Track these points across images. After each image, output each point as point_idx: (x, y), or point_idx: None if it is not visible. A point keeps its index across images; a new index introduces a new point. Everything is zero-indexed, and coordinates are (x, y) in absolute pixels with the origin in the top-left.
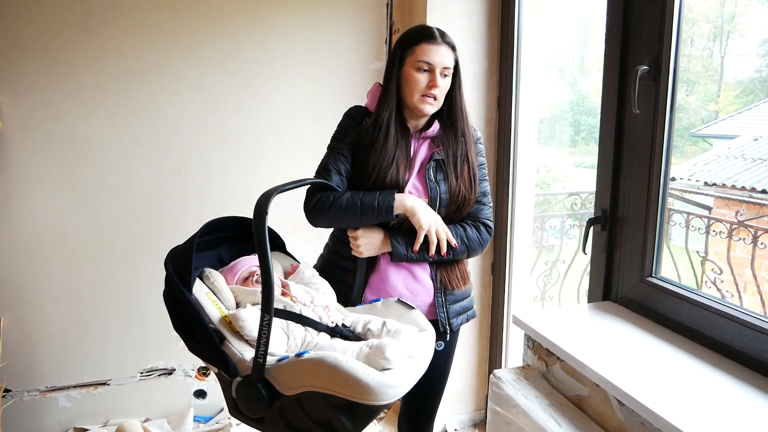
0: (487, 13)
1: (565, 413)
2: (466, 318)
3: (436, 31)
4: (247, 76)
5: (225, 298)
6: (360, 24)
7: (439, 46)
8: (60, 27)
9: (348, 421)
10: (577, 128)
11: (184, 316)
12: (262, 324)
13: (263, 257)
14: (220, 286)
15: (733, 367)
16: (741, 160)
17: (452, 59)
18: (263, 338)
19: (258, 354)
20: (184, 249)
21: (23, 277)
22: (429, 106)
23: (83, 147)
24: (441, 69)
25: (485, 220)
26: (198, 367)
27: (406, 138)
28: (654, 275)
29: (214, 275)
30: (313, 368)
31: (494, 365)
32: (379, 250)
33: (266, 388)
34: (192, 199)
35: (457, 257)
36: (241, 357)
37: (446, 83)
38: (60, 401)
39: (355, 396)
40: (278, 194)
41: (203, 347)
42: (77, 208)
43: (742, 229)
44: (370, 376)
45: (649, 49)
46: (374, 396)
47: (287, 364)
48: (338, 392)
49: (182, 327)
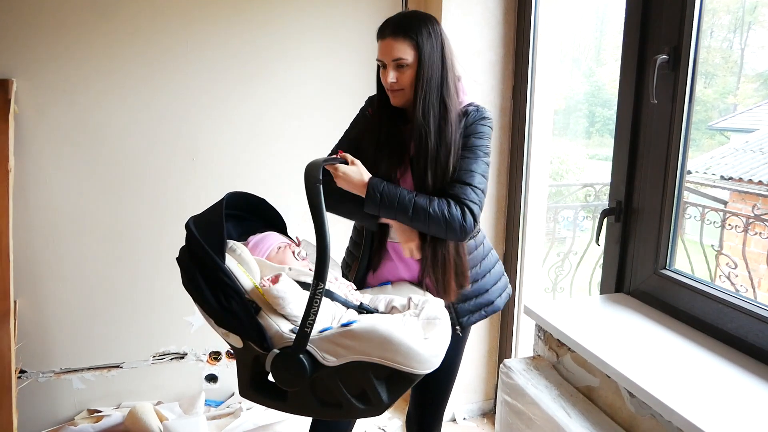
0: (504, 0)
1: (575, 404)
2: (483, 314)
3: (389, 25)
4: (261, 62)
5: (252, 271)
6: (375, 11)
7: (385, 41)
8: (75, 10)
9: (384, 391)
10: (591, 120)
11: (216, 285)
12: (314, 293)
13: (320, 226)
14: (248, 258)
15: (746, 360)
16: (759, 154)
17: (406, 49)
18: (314, 307)
19: (306, 323)
20: (212, 218)
21: (39, 261)
22: (394, 98)
23: (98, 131)
24: (392, 63)
25: (468, 202)
26: (210, 351)
27: (399, 128)
28: (668, 268)
29: (240, 248)
30: (364, 337)
31: (504, 355)
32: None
33: (308, 359)
34: (206, 183)
35: (431, 232)
36: (278, 329)
37: (406, 75)
38: (74, 383)
39: (404, 364)
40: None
41: (236, 318)
42: (92, 192)
43: (759, 223)
44: (420, 344)
45: (669, 38)
46: (422, 364)
47: (332, 334)
48: (387, 361)
49: (213, 298)
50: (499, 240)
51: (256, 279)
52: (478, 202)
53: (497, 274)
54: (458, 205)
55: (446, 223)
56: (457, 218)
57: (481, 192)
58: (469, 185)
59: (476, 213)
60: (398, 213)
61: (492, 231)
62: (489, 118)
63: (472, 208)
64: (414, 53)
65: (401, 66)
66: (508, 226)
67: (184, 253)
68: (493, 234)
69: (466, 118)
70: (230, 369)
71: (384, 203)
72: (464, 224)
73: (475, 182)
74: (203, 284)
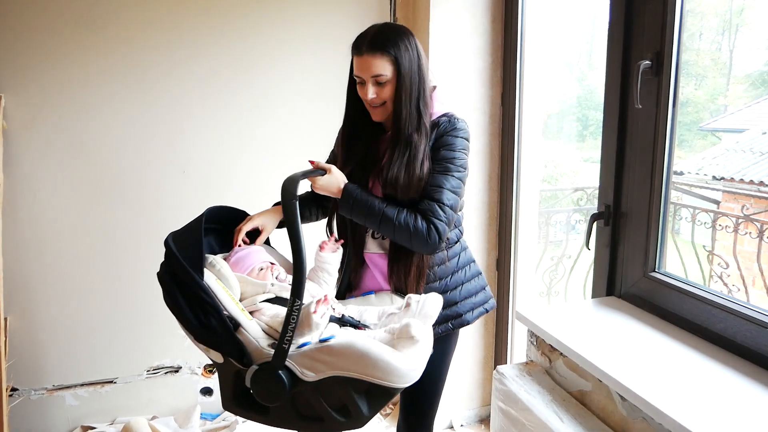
0: (491, 8)
1: (568, 409)
2: (449, 326)
3: (365, 40)
4: (251, 74)
5: (231, 287)
6: (364, 20)
7: (362, 57)
8: (64, 25)
9: (365, 404)
10: (585, 123)
11: (195, 302)
12: (291, 309)
13: (296, 242)
14: (227, 274)
15: (737, 361)
16: (749, 153)
17: (385, 65)
18: (291, 324)
19: (284, 339)
20: (191, 234)
21: (29, 277)
22: (375, 114)
23: (87, 145)
24: (371, 79)
25: (434, 219)
26: (204, 364)
27: (376, 142)
28: (657, 270)
29: (219, 263)
30: (342, 353)
31: (500, 361)
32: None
33: (287, 375)
34: (197, 197)
35: (398, 241)
36: (257, 345)
37: (385, 90)
38: (67, 399)
39: (383, 378)
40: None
41: (215, 335)
42: (82, 207)
43: (750, 223)
44: (397, 358)
45: (651, 44)
46: (401, 378)
47: (310, 350)
48: (365, 376)
49: (192, 314)
50: (492, 246)
51: (236, 294)
52: (445, 219)
53: (472, 290)
54: (425, 221)
55: (411, 236)
56: (422, 233)
57: (449, 208)
58: (437, 201)
59: (441, 230)
60: (368, 219)
61: (484, 237)
62: (462, 129)
63: (437, 226)
64: (392, 68)
65: (380, 82)
66: (500, 231)
67: (164, 269)
68: (486, 240)
69: (437, 129)
70: None
71: (355, 209)
72: (429, 240)
73: (443, 199)
74: (182, 300)
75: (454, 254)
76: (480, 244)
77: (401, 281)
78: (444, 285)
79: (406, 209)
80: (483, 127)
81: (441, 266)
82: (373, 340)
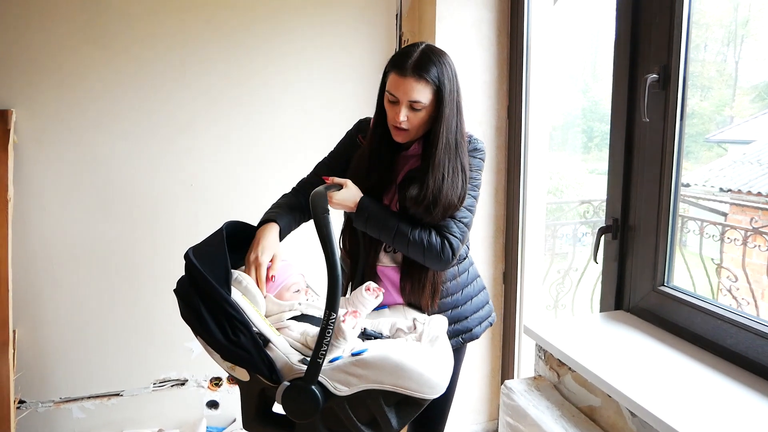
0: (497, 22)
1: (577, 424)
2: (460, 341)
3: (409, 60)
4: (257, 87)
5: (258, 303)
6: (370, 35)
7: (404, 79)
8: (73, 41)
9: (394, 417)
10: (590, 135)
11: (222, 318)
12: (327, 323)
13: (330, 256)
14: (254, 290)
15: (748, 377)
16: (757, 165)
17: (425, 92)
18: (327, 337)
19: (318, 354)
20: (214, 249)
21: (38, 290)
22: (398, 136)
23: (96, 159)
24: (407, 102)
25: (449, 235)
26: (210, 377)
27: (394, 156)
28: (666, 284)
29: (246, 279)
30: (376, 365)
31: (507, 375)
32: (347, 210)
33: (320, 390)
34: (204, 210)
35: (411, 256)
36: (287, 360)
37: (418, 116)
38: (74, 412)
39: (417, 390)
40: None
41: (245, 352)
42: (91, 220)
43: (758, 235)
44: (431, 369)
45: (658, 58)
46: (434, 389)
47: (344, 364)
48: (399, 388)
49: (220, 332)
50: (499, 259)
51: (262, 311)
52: (460, 236)
53: (480, 303)
54: (439, 236)
55: (425, 251)
56: (436, 249)
57: (464, 226)
58: (453, 218)
59: (455, 246)
60: (382, 233)
61: (491, 250)
62: (481, 150)
63: (452, 242)
64: (432, 97)
65: (415, 108)
66: (507, 245)
67: (184, 284)
68: (492, 253)
69: None
70: (231, 395)
71: (370, 222)
72: (442, 255)
73: (459, 216)
74: (208, 317)
75: (464, 269)
76: (487, 256)
77: (416, 297)
78: (456, 301)
79: (420, 225)
80: (489, 139)
81: (453, 281)
82: (406, 350)
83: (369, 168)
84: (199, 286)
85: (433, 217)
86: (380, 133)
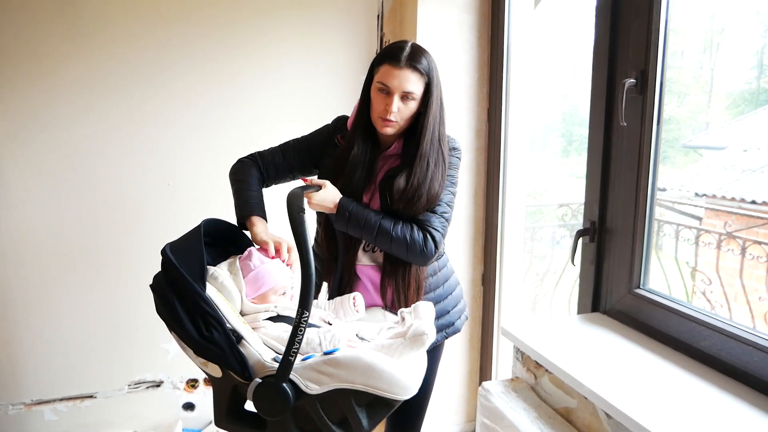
0: (477, 25)
1: (553, 426)
2: (444, 335)
3: (403, 52)
4: (237, 86)
5: (233, 300)
6: (351, 36)
7: (400, 70)
8: (48, 37)
9: (365, 417)
10: (569, 138)
11: (196, 314)
12: (299, 321)
13: (305, 254)
14: (229, 287)
15: (720, 379)
16: (730, 170)
17: (418, 84)
18: (299, 335)
19: (290, 352)
20: (191, 245)
21: (8, 289)
22: (386, 128)
23: (70, 155)
24: (401, 93)
25: (431, 229)
26: (187, 379)
27: (374, 156)
28: (642, 287)
29: (221, 275)
30: (348, 365)
31: (485, 377)
32: (326, 211)
33: (291, 388)
34: (181, 208)
35: (393, 252)
36: (260, 358)
37: (408, 107)
38: (46, 414)
39: (387, 390)
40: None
41: (218, 348)
42: (65, 219)
43: (732, 239)
44: (402, 371)
45: (636, 63)
46: (405, 390)
47: (316, 362)
48: (370, 388)
49: (193, 327)
50: (478, 261)
51: (237, 307)
52: (441, 229)
53: (458, 296)
54: (421, 231)
55: (408, 247)
56: (418, 243)
57: (444, 220)
58: (434, 213)
59: (438, 240)
60: (363, 232)
61: (470, 252)
62: (458, 149)
63: (434, 236)
64: (423, 89)
65: (407, 98)
66: (486, 247)
67: (160, 280)
68: (472, 255)
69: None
70: (208, 396)
71: (351, 222)
72: (425, 250)
73: (440, 210)
74: (182, 313)
75: (443, 264)
76: (466, 258)
77: (400, 294)
78: (438, 295)
79: (402, 221)
80: (469, 142)
81: (434, 277)
82: (377, 352)
83: (350, 168)
84: (174, 281)
85: (416, 209)
86: (363, 128)
